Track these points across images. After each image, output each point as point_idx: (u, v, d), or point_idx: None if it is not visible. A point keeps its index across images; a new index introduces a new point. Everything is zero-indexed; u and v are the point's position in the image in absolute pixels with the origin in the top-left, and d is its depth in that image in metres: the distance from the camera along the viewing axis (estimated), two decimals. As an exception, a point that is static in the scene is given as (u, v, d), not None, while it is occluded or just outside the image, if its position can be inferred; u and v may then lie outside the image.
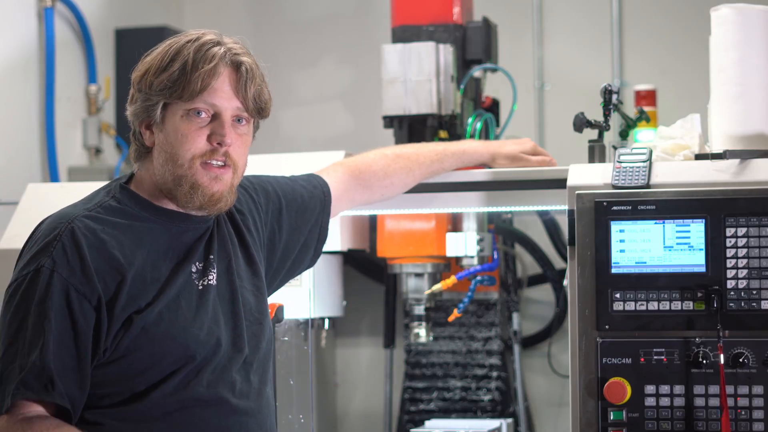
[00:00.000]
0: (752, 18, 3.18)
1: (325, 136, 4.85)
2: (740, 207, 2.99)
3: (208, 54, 2.63)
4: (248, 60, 2.67)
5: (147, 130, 2.68)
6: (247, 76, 2.66)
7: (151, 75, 2.63)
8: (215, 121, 2.65)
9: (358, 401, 4.31)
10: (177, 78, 2.61)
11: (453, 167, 3.41)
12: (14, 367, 2.48)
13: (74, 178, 4.51)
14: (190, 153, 2.63)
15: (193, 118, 2.63)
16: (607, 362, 3.02)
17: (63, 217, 2.61)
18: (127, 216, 2.65)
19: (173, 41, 2.67)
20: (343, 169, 3.24)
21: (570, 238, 3.08)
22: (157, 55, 2.65)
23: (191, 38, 2.66)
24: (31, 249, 2.58)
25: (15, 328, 2.51)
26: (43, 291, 2.51)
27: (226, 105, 2.65)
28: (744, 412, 2.96)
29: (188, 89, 2.61)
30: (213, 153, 2.65)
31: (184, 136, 2.63)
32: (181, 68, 2.61)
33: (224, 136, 2.64)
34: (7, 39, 4.34)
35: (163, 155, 2.65)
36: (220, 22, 4.97)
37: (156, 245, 2.64)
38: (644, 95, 4.07)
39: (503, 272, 4.07)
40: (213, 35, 2.67)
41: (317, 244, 3.10)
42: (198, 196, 2.65)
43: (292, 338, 3.71)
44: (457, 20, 3.84)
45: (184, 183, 2.64)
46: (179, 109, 2.63)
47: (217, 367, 2.65)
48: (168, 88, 2.61)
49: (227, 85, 2.65)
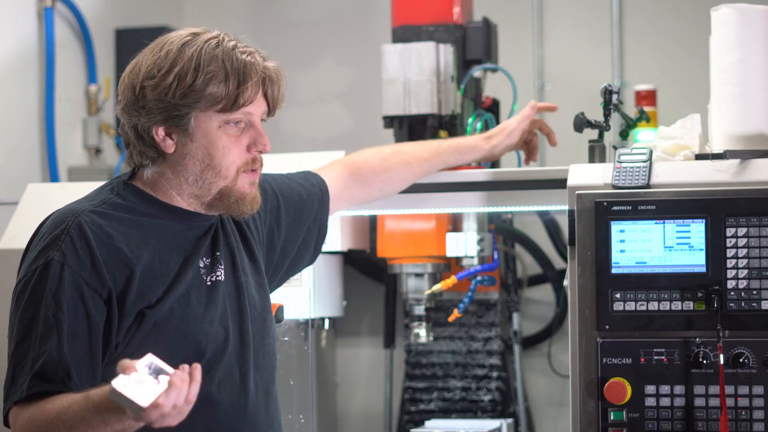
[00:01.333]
0: (752, 18, 3.18)
1: (325, 136, 4.85)
2: (740, 207, 2.99)
3: (249, 67, 2.61)
4: (275, 64, 2.68)
5: (167, 135, 2.63)
6: (276, 81, 2.67)
7: (180, 82, 2.57)
8: (250, 129, 2.66)
9: (358, 401, 4.31)
10: (219, 91, 2.58)
11: (453, 162, 3.41)
12: (27, 361, 2.47)
13: (74, 178, 4.51)
14: (234, 165, 2.65)
15: (231, 128, 2.63)
16: (607, 362, 3.02)
17: (69, 212, 2.60)
18: (133, 212, 2.64)
19: (187, 42, 2.60)
20: (340, 167, 3.24)
21: (570, 238, 3.08)
22: (183, 62, 2.58)
23: (211, 41, 2.61)
24: (39, 244, 2.57)
25: (26, 323, 2.50)
26: (54, 284, 2.50)
27: (258, 111, 2.67)
28: (744, 412, 2.96)
29: (232, 103, 2.59)
30: (254, 162, 2.68)
31: (225, 148, 2.63)
32: (223, 81, 2.58)
33: (266, 145, 2.67)
34: (7, 39, 4.34)
35: (200, 166, 2.63)
36: (220, 22, 4.95)
37: (163, 241, 2.64)
38: (644, 95, 4.07)
39: (503, 272, 4.07)
40: (229, 38, 2.65)
41: (316, 242, 3.10)
42: (245, 205, 2.68)
43: (292, 338, 3.71)
44: (457, 20, 3.84)
45: (231, 195, 2.66)
46: (216, 119, 2.61)
47: (226, 364, 2.65)
48: (206, 100, 2.58)
49: (260, 94, 2.66)
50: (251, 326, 2.72)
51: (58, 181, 4.42)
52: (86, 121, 4.67)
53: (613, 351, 3.02)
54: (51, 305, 2.49)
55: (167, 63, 2.59)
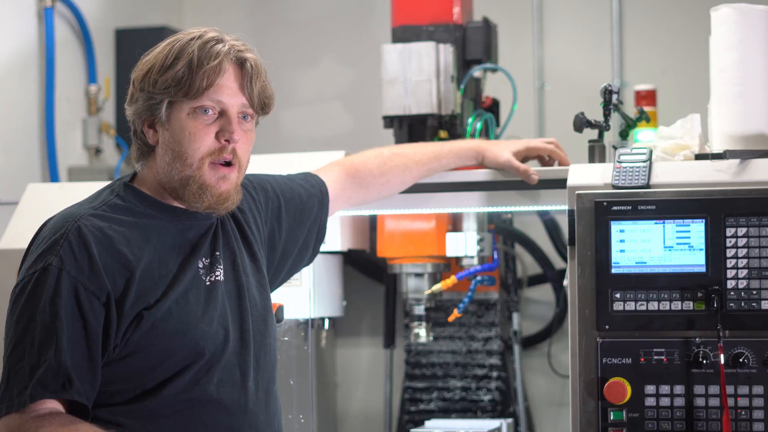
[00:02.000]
0: (752, 18, 3.18)
1: (324, 136, 4.85)
2: (740, 207, 2.99)
3: (212, 51, 2.63)
4: (252, 56, 2.68)
5: (150, 128, 2.68)
6: (252, 72, 2.67)
7: (155, 73, 2.63)
8: (222, 118, 2.65)
9: (358, 401, 4.31)
10: (182, 76, 2.61)
11: (450, 165, 3.41)
12: (23, 366, 2.47)
13: (74, 178, 4.51)
14: (199, 152, 2.63)
15: (200, 116, 2.63)
16: (607, 362, 3.02)
17: (69, 215, 2.61)
18: (133, 213, 2.65)
19: (175, 39, 2.67)
20: (339, 168, 3.24)
21: (570, 238, 3.08)
22: (160, 54, 2.65)
23: (194, 36, 2.66)
24: (38, 248, 2.58)
25: (22, 327, 2.50)
26: (52, 290, 2.50)
27: (233, 102, 2.65)
28: (744, 412, 2.96)
29: (194, 86, 2.61)
30: (221, 151, 2.65)
31: (192, 135, 2.63)
32: (186, 66, 2.61)
33: (233, 133, 2.64)
34: (7, 39, 4.34)
35: (170, 154, 2.65)
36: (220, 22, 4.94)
37: (162, 241, 2.65)
38: (644, 95, 4.07)
39: (503, 272, 4.07)
40: (215, 32, 2.68)
41: (316, 243, 3.11)
42: (207, 197, 2.65)
43: (292, 338, 3.71)
44: (457, 20, 3.84)
45: (192, 183, 2.64)
46: (185, 107, 2.63)
47: (226, 364, 2.65)
48: (173, 86, 2.61)
49: (233, 82, 2.65)
50: (252, 326, 2.72)
51: (58, 181, 4.42)
52: (86, 121, 4.66)
53: (613, 351, 3.02)
54: (48, 311, 2.49)
55: (150, 57, 2.67)
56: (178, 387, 2.59)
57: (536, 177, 3.34)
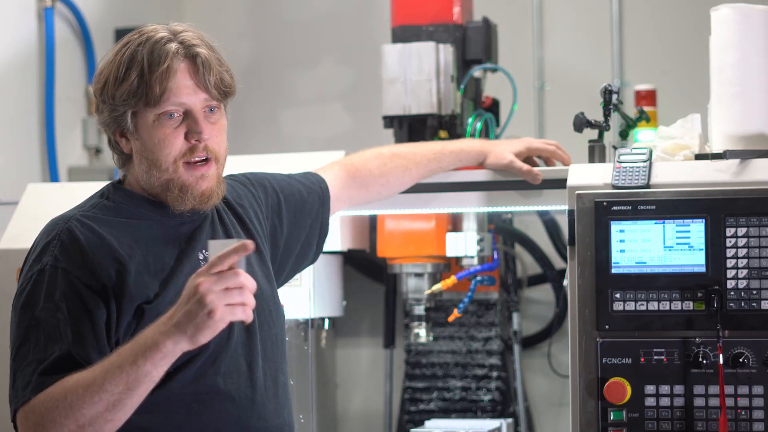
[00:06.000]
0: (752, 18, 3.18)
1: (324, 136, 4.85)
2: (740, 207, 2.99)
3: (161, 54, 2.60)
4: (202, 50, 2.64)
5: (122, 137, 2.67)
6: (204, 67, 2.63)
7: (111, 86, 2.62)
8: (188, 118, 2.63)
9: (358, 401, 4.31)
10: (137, 86, 2.59)
11: (451, 166, 3.41)
12: (31, 362, 2.46)
13: (74, 178, 4.51)
14: (171, 156, 2.62)
15: (165, 122, 2.62)
16: (607, 362, 3.02)
17: (59, 219, 2.63)
18: (123, 214, 2.66)
19: (126, 44, 2.65)
20: (339, 168, 3.24)
21: (570, 238, 3.08)
22: (113, 65, 2.63)
23: (142, 40, 2.63)
24: (32, 254, 2.60)
25: (25, 327, 2.50)
26: (51, 287, 2.51)
27: (194, 100, 2.63)
28: (744, 412, 2.96)
29: (151, 95, 2.59)
30: (193, 150, 2.64)
31: (161, 141, 2.62)
32: (138, 75, 2.59)
33: (200, 133, 2.63)
34: (6, 39, 4.34)
35: (145, 162, 2.65)
36: (220, 22, 4.97)
37: (155, 238, 2.65)
38: (644, 95, 4.07)
39: (503, 272, 4.07)
40: (164, 31, 2.65)
41: (318, 241, 3.11)
42: (189, 198, 2.65)
43: (292, 338, 3.71)
44: (457, 20, 3.84)
45: (173, 187, 2.64)
46: (149, 115, 2.62)
47: (233, 354, 2.65)
48: (131, 97, 2.60)
49: (189, 80, 2.62)
50: (257, 316, 2.71)
51: (58, 181, 4.42)
52: (86, 121, 4.67)
53: (613, 351, 3.02)
54: (50, 307, 2.50)
55: (102, 68, 2.66)
56: (185, 379, 2.59)
57: (540, 177, 3.34)
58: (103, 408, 2.38)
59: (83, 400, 2.38)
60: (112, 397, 2.38)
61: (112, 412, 2.39)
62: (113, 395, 2.38)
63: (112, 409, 2.39)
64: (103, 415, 2.39)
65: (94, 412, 2.38)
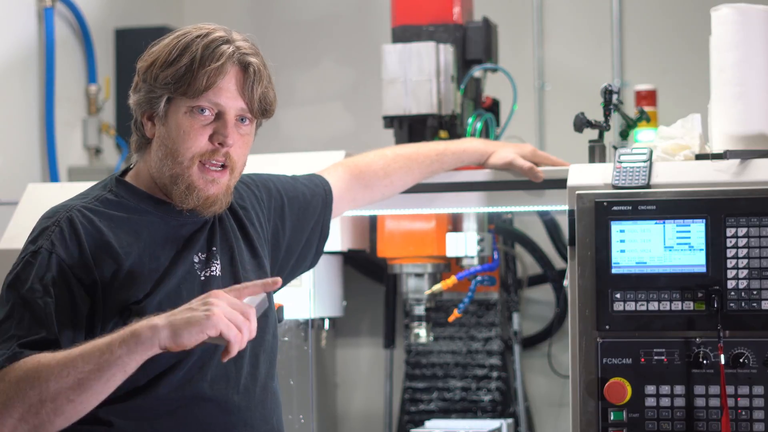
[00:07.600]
0: (752, 18, 3.18)
1: (325, 136, 4.85)
2: (740, 207, 2.99)
3: (216, 51, 2.61)
4: (256, 60, 2.66)
5: (149, 121, 2.67)
6: (254, 77, 2.64)
7: (157, 67, 2.62)
8: (218, 120, 2.63)
9: (358, 401, 4.31)
10: (183, 74, 2.59)
11: (453, 166, 3.41)
12: (11, 336, 2.45)
13: (74, 178, 4.51)
14: (190, 151, 2.62)
15: (197, 116, 2.62)
16: (607, 362, 3.02)
17: (61, 207, 2.63)
18: (125, 209, 2.65)
19: (182, 34, 2.65)
20: (343, 169, 3.24)
21: (570, 238, 3.08)
22: (165, 47, 2.63)
23: (201, 33, 2.64)
24: (30, 237, 2.60)
25: (11, 304, 2.50)
26: (42, 270, 2.51)
27: (231, 105, 2.63)
28: (744, 412, 2.96)
29: (193, 86, 2.59)
30: (213, 153, 2.63)
31: (186, 133, 2.62)
32: (188, 64, 2.60)
33: (226, 137, 2.63)
34: (6, 39, 4.34)
35: (163, 149, 2.64)
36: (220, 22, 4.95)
37: (154, 236, 2.64)
38: (644, 95, 4.07)
39: (503, 272, 4.07)
40: (223, 32, 2.66)
41: (319, 243, 3.10)
42: (193, 198, 2.64)
43: (292, 338, 3.71)
44: (457, 20, 3.84)
45: (180, 182, 2.63)
46: (183, 104, 2.62)
47: (220, 361, 2.64)
48: (173, 83, 2.60)
49: (233, 85, 2.63)
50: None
51: (58, 181, 4.42)
52: (86, 121, 4.67)
53: (613, 351, 3.02)
54: (39, 290, 2.49)
55: (156, 49, 2.65)
56: (171, 385, 2.58)
57: (542, 175, 3.34)
58: (68, 385, 2.36)
59: (51, 372, 2.36)
60: (80, 374, 2.36)
61: (76, 392, 2.37)
62: (81, 373, 2.36)
63: (77, 389, 2.36)
64: (66, 392, 2.36)
65: (58, 387, 2.36)
